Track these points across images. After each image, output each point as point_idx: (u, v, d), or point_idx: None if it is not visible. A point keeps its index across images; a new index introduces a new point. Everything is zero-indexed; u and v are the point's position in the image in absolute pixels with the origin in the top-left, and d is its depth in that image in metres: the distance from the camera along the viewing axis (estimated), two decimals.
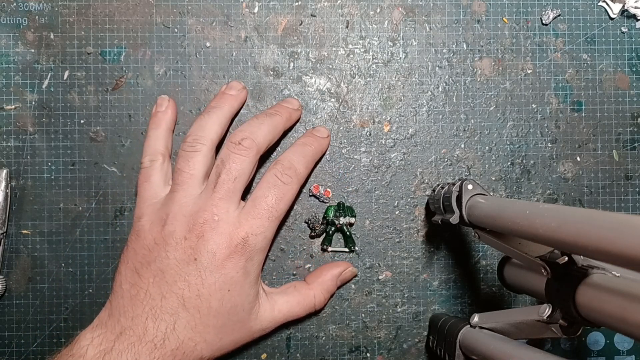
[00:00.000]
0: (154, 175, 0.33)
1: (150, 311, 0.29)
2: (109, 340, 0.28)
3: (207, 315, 0.29)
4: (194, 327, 0.29)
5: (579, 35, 0.38)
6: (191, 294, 0.29)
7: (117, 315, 0.29)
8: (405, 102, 0.38)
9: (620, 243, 0.18)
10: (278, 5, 0.37)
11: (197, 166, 0.31)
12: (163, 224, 0.30)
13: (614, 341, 0.38)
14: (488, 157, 0.38)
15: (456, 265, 0.38)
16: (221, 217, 0.30)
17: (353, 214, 0.37)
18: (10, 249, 0.36)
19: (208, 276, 0.29)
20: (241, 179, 0.31)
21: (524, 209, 0.25)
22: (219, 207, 0.30)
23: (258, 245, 0.31)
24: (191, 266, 0.29)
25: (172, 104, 0.35)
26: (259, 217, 0.31)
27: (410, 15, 0.38)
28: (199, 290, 0.29)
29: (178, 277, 0.29)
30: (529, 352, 0.27)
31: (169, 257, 0.29)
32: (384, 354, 0.37)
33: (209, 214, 0.30)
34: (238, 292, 0.30)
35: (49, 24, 0.36)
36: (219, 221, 0.30)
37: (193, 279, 0.29)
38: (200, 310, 0.29)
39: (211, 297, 0.29)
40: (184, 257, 0.29)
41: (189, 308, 0.29)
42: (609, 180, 0.38)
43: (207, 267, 0.29)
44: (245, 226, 0.30)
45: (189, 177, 0.31)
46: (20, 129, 0.36)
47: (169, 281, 0.29)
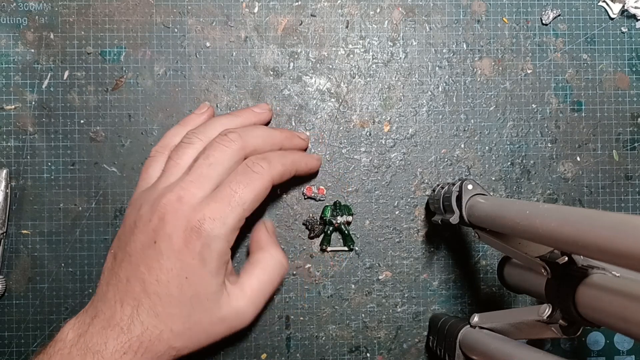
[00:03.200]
0: (154, 166, 0.33)
1: (118, 295, 0.29)
2: (85, 323, 0.28)
3: (169, 303, 0.28)
4: (157, 315, 0.28)
5: (579, 35, 0.38)
6: (151, 278, 0.28)
7: (96, 300, 0.29)
8: (405, 102, 0.38)
9: (620, 243, 0.18)
10: (278, 5, 0.37)
11: (184, 157, 0.31)
12: (139, 208, 0.30)
13: (614, 341, 0.38)
14: (488, 157, 0.38)
15: (456, 265, 0.38)
16: (185, 200, 0.29)
17: (350, 212, 0.37)
18: (10, 249, 0.36)
19: (165, 261, 0.28)
20: (217, 167, 0.30)
21: (524, 209, 0.25)
22: (186, 190, 0.29)
23: (215, 232, 0.29)
24: (151, 250, 0.29)
25: (210, 111, 0.35)
26: (219, 201, 0.29)
27: (410, 15, 0.38)
28: (158, 276, 0.28)
29: (140, 260, 0.29)
30: (529, 352, 0.27)
31: (136, 240, 0.29)
32: (384, 354, 0.37)
33: (174, 195, 0.29)
34: (197, 280, 0.29)
35: (49, 24, 0.36)
36: (182, 203, 0.29)
37: (153, 262, 0.28)
38: (161, 297, 0.28)
39: (170, 284, 0.28)
40: (146, 240, 0.29)
41: (149, 293, 0.28)
42: (609, 180, 0.38)
43: (164, 252, 0.28)
44: (204, 209, 0.29)
45: (174, 165, 0.31)
46: (20, 129, 0.36)
47: (133, 265, 0.29)
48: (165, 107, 0.37)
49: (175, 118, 0.37)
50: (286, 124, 0.37)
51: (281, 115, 0.37)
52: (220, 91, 0.37)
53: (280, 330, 0.37)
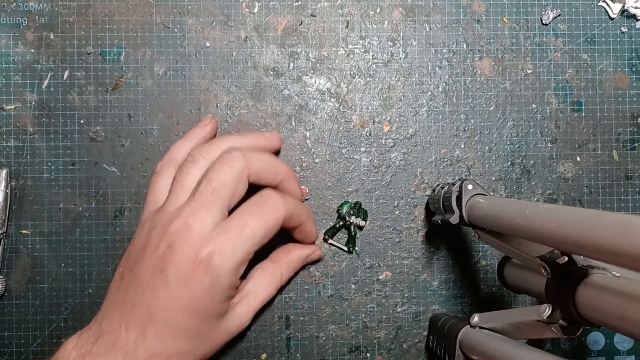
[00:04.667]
0: (160, 182, 0.32)
1: (124, 318, 0.28)
2: (89, 343, 0.28)
3: (176, 331, 0.28)
4: (164, 341, 0.28)
5: (579, 35, 0.38)
6: (157, 306, 0.28)
7: (100, 319, 0.29)
8: (405, 102, 0.38)
9: (620, 243, 0.18)
10: (278, 5, 0.37)
11: (189, 177, 0.31)
12: (149, 230, 0.30)
13: (614, 341, 0.38)
14: (488, 157, 0.38)
15: (456, 265, 0.38)
16: (194, 228, 0.28)
17: (366, 217, 0.37)
18: (10, 249, 0.36)
19: (173, 291, 0.28)
20: (221, 191, 0.29)
21: (524, 209, 0.25)
22: (194, 217, 0.28)
23: (224, 266, 0.28)
24: (159, 277, 0.28)
25: (213, 122, 0.35)
26: (230, 232, 0.28)
27: (410, 15, 0.38)
28: (165, 305, 0.28)
29: (147, 286, 0.28)
30: (529, 352, 0.27)
31: (144, 265, 0.28)
32: (384, 354, 0.37)
33: (182, 222, 0.28)
34: (206, 310, 0.29)
35: (49, 24, 0.36)
36: (190, 232, 0.28)
37: (159, 291, 0.28)
38: (168, 325, 0.28)
39: (177, 314, 0.28)
40: (154, 266, 0.28)
41: (155, 321, 0.28)
42: (609, 180, 0.38)
43: (172, 281, 0.28)
44: (215, 241, 0.28)
45: (180, 187, 0.30)
46: (20, 129, 0.36)
47: (140, 289, 0.28)
48: (165, 107, 0.37)
49: (175, 118, 0.37)
50: (286, 124, 0.37)
51: (281, 115, 0.37)
52: (220, 91, 0.37)
53: (280, 330, 0.37)
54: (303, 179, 0.37)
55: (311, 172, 0.37)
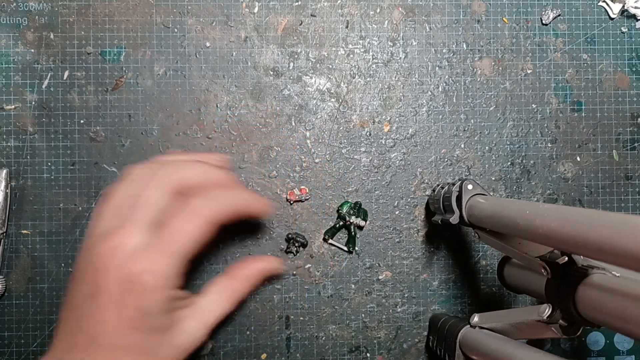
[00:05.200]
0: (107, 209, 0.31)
1: (67, 345, 0.27)
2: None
3: (118, 352, 0.27)
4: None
5: (579, 35, 0.38)
6: (96, 330, 0.27)
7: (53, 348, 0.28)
8: (405, 102, 0.38)
9: (620, 243, 0.18)
10: (278, 5, 0.37)
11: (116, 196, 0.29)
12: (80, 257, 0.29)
13: (614, 341, 0.38)
14: (488, 157, 0.38)
15: (456, 265, 0.38)
16: (120, 248, 0.27)
17: (366, 217, 0.37)
18: (10, 249, 0.36)
19: (107, 313, 0.27)
20: (146, 207, 0.28)
21: (524, 209, 0.25)
22: (119, 237, 0.27)
23: (154, 284, 0.27)
24: (92, 302, 0.27)
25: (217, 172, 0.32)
26: (158, 251, 0.27)
27: (410, 15, 0.38)
28: (102, 328, 0.27)
29: (83, 312, 0.27)
30: (529, 352, 0.27)
31: (77, 291, 0.28)
32: (384, 354, 0.37)
33: (107, 244, 0.27)
34: (145, 327, 0.27)
35: (49, 24, 0.36)
36: (115, 253, 0.27)
37: (95, 315, 0.27)
38: (110, 347, 0.27)
39: (116, 334, 0.27)
40: (86, 292, 0.27)
41: (97, 346, 0.27)
42: (609, 180, 0.38)
43: (105, 305, 0.27)
44: (142, 261, 0.27)
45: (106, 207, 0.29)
46: (20, 129, 0.36)
47: (78, 316, 0.27)
48: (165, 107, 0.37)
49: (175, 118, 0.37)
50: (286, 124, 0.37)
51: (281, 115, 0.37)
52: (220, 91, 0.37)
53: (280, 330, 0.37)
54: (303, 179, 0.37)
55: (311, 172, 0.37)
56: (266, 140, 0.37)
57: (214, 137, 0.37)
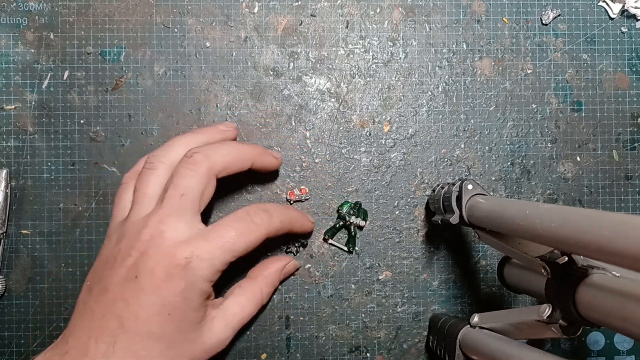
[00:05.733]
0: (126, 194, 0.32)
1: (93, 331, 0.27)
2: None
3: (149, 340, 0.27)
4: (135, 352, 0.27)
5: (579, 35, 0.38)
6: (129, 315, 0.27)
7: (67, 336, 0.28)
8: (405, 102, 0.38)
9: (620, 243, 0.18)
10: (278, 5, 0.37)
11: (150, 184, 0.30)
12: (116, 242, 0.29)
13: (614, 341, 0.38)
14: (488, 157, 0.38)
15: (456, 265, 0.38)
16: (167, 234, 0.28)
17: (365, 217, 0.37)
18: (10, 249, 0.36)
19: (146, 297, 0.27)
20: (189, 196, 0.29)
21: (524, 209, 0.25)
22: (165, 224, 0.28)
23: (201, 272, 0.28)
24: (131, 285, 0.27)
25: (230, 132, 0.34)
26: (211, 242, 0.28)
27: (410, 15, 0.38)
28: (137, 312, 0.27)
29: (118, 296, 0.27)
30: (529, 352, 0.27)
31: (113, 275, 0.28)
32: (384, 354, 0.37)
33: (154, 230, 0.28)
34: (179, 316, 0.28)
35: (49, 24, 0.36)
36: (164, 238, 0.28)
37: (131, 299, 0.27)
38: (140, 334, 0.27)
39: (150, 320, 0.27)
40: (126, 274, 0.28)
41: (127, 331, 0.27)
42: (609, 180, 0.38)
43: (145, 287, 0.27)
44: (193, 246, 0.28)
45: (142, 196, 0.30)
46: (20, 129, 0.36)
47: (110, 300, 0.27)
48: (165, 107, 0.37)
49: (175, 118, 0.37)
50: (286, 124, 0.37)
51: (281, 115, 0.37)
52: (220, 91, 0.37)
53: (280, 330, 0.37)
54: (303, 179, 0.37)
55: (311, 172, 0.37)
56: (266, 140, 0.37)
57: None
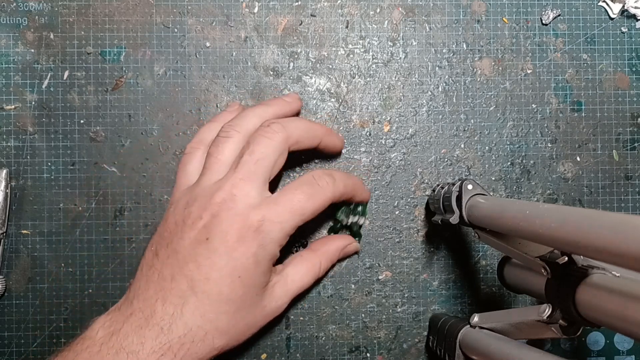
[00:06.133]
0: (190, 164, 0.32)
1: (160, 292, 0.28)
2: (119, 322, 0.27)
3: (218, 302, 0.28)
4: (203, 315, 0.28)
5: (579, 35, 0.38)
6: (200, 276, 0.28)
7: (131, 298, 0.29)
8: (405, 102, 0.38)
9: (620, 243, 0.18)
10: (278, 5, 0.37)
11: (225, 152, 0.31)
12: (185, 206, 0.30)
13: (614, 341, 0.38)
14: (488, 157, 0.38)
15: (456, 265, 0.38)
16: (239, 197, 0.28)
17: (365, 212, 0.36)
18: (10, 249, 0.36)
19: (218, 259, 0.28)
20: (264, 162, 0.29)
21: (524, 209, 0.25)
22: (238, 188, 0.29)
23: (273, 234, 0.29)
24: (202, 246, 0.28)
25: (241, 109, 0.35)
26: (281, 205, 0.29)
27: (410, 15, 0.38)
28: (208, 274, 0.28)
29: (189, 257, 0.28)
30: (529, 352, 0.27)
31: (184, 237, 0.28)
32: (384, 354, 0.37)
33: (227, 193, 0.28)
34: (249, 279, 0.28)
35: (49, 24, 0.36)
36: (236, 202, 0.28)
37: (203, 260, 0.28)
38: (210, 295, 0.28)
39: (221, 282, 0.28)
40: (197, 236, 0.28)
41: (197, 292, 0.28)
42: (609, 180, 0.38)
43: (218, 249, 0.28)
44: (264, 210, 0.28)
45: (216, 162, 0.30)
46: (20, 129, 0.36)
47: (180, 262, 0.28)
48: (165, 107, 0.37)
49: (175, 118, 0.37)
50: None
51: None
52: (220, 91, 0.37)
53: (280, 330, 0.37)
54: None
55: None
56: None
57: None
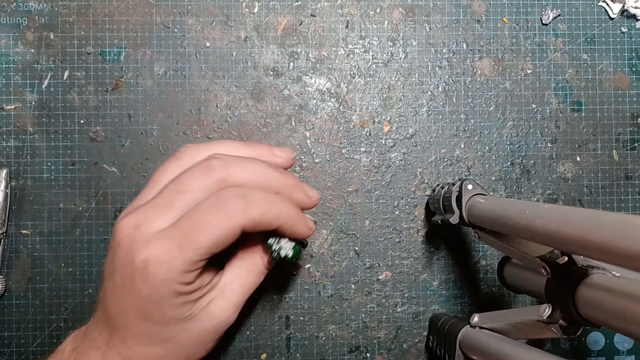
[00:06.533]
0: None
1: (100, 316, 0.27)
2: (79, 338, 0.28)
3: (138, 336, 0.26)
4: (131, 347, 0.26)
5: (579, 35, 0.38)
6: (114, 310, 0.26)
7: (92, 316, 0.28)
8: (405, 102, 0.38)
9: (620, 243, 0.18)
10: (278, 5, 0.37)
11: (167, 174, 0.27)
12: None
13: (614, 341, 0.38)
14: (488, 157, 0.38)
15: (456, 265, 0.38)
16: (141, 228, 0.25)
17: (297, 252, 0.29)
18: (10, 249, 0.36)
19: (122, 295, 0.25)
20: (184, 196, 0.25)
21: (524, 209, 0.25)
22: (145, 216, 0.25)
23: (161, 277, 0.24)
24: (110, 280, 0.26)
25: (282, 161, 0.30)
26: (170, 240, 0.25)
27: (410, 15, 0.38)
28: (119, 309, 0.26)
29: (106, 289, 0.26)
30: (529, 352, 0.27)
31: (105, 267, 0.27)
32: (384, 354, 0.37)
33: (132, 220, 0.25)
34: (158, 316, 0.25)
35: (49, 24, 0.36)
36: (136, 232, 0.25)
37: (113, 295, 0.26)
38: (128, 330, 0.26)
39: (132, 320, 0.26)
40: (109, 269, 0.26)
41: (117, 325, 0.26)
42: (609, 180, 0.38)
43: (120, 285, 0.25)
44: (152, 248, 0.24)
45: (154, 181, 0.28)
46: (20, 129, 0.36)
47: (103, 292, 0.27)
48: (165, 107, 0.37)
49: (175, 118, 0.37)
50: (286, 124, 0.37)
51: (281, 115, 0.37)
52: (220, 91, 0.37)
53: (280, 330, 0.37)
54: (303, 179, 0.37)
55: (311, 172, 0.37)
56: (266, 140, 0.37)
57: (214, 137, 0.37)
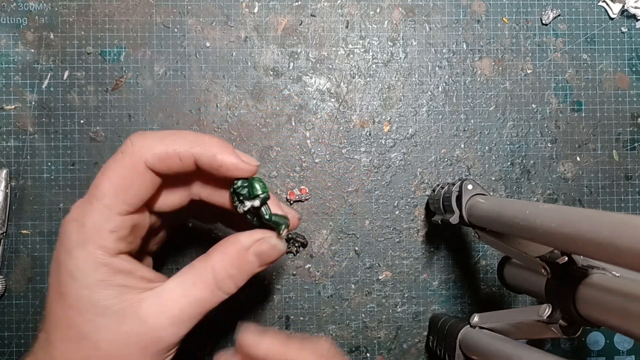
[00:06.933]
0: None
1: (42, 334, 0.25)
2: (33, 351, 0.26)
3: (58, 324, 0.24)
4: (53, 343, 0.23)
5: (579, 35, 0.38)
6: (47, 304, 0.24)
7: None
8: (405, 102, 0.38)
9: (620, 243, 0.18)
10: (278, 5, 0.37)
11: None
12: None
13: (614, 341, 0.38)
14: (488, 157, 0.38)
15: (456, 265, 0.38)
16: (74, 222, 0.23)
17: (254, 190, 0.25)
18: (10, 249, 0.36)
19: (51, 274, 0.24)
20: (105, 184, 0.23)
21: (524, 209, 0.25)
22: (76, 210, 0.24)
23: (73, 236, 0.23)
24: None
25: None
26: (84, 199, 0.24)
27: (410, 15, 0.38)
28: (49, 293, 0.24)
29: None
30: (529, 352, 0.27)
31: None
32: (384, 354, 0.37)
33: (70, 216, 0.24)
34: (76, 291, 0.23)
35: (49, 24, 0.36)
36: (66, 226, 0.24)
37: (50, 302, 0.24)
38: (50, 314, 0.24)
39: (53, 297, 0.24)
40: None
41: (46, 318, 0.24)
42: (609, 180, 0.38)
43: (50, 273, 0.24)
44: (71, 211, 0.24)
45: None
46: (20, 129, 0.36)
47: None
48: (165, 107, 0.37)
49: (175, 118, 0.37)
50: (286, 124, 0.37)
51: (281, 115, 0.37)
52: (220, 91, 0.37)
53: (280, 330, 0.36)
54: (303, 179, 0.37)
55: (311, 172, 0.37)
56: (266, 140, 0.37)
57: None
